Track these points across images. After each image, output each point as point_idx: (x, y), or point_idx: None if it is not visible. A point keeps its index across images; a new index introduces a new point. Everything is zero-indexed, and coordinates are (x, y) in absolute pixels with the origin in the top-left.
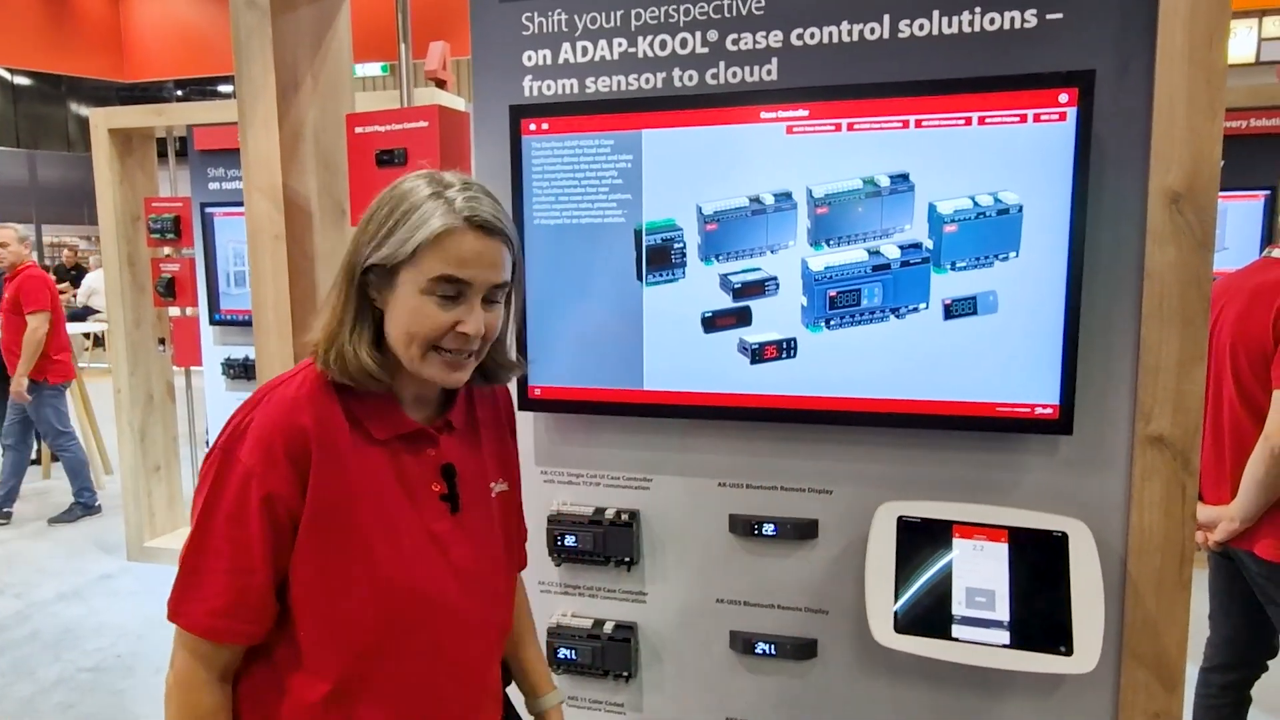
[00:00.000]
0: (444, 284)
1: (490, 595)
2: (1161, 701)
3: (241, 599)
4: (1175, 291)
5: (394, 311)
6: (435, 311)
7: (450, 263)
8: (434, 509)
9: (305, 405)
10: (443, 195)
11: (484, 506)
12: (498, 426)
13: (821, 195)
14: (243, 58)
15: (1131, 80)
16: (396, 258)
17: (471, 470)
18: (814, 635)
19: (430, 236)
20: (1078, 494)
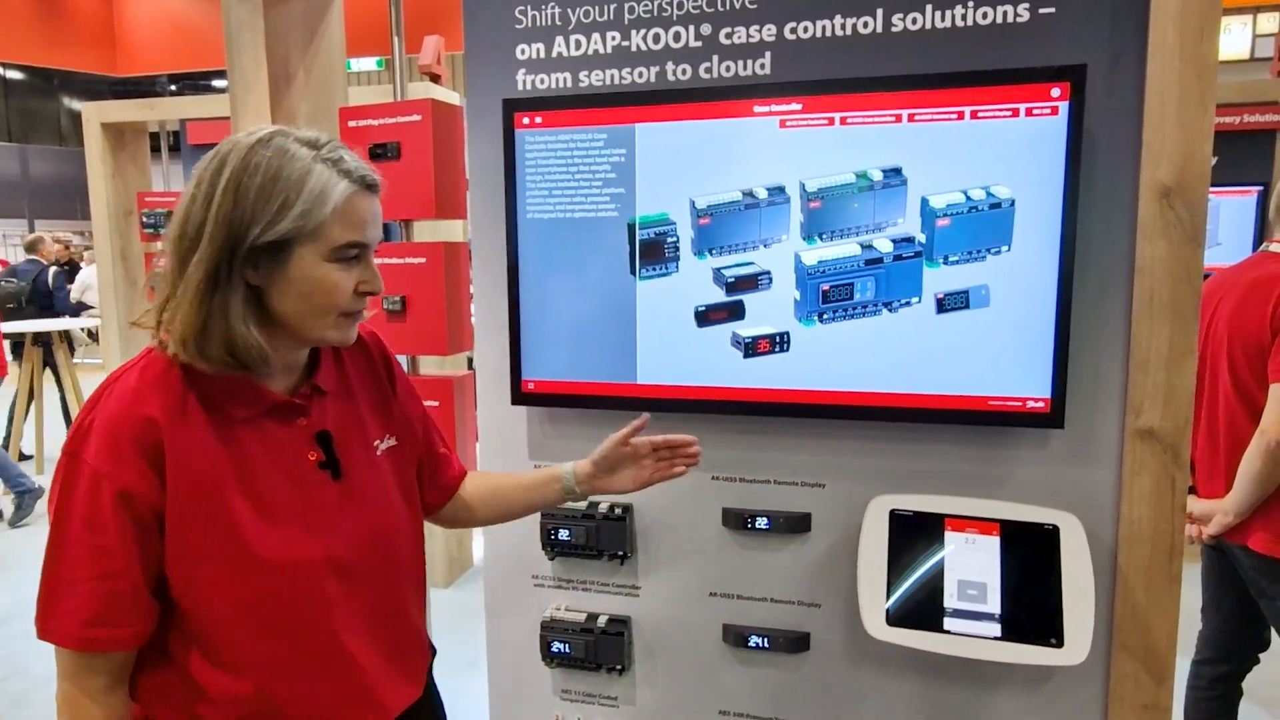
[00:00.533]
0: (348, 250)
1: (391, 553)
2: (1151, 693)
3: (111, 604)
4: (1166, 286)
5: (290, 285)
6: (343, 278)
7: (355, 228)
8: (314, 479)
9: (150, 394)
10: (325, 157)
11: (371, 467)
12: (374, 380)
13: (814, 189)
14: (234, 51)
15: (1123, 75)
16: (300, 232)
17: (351, 433)
18: (807, 628)
19: (338, 204)
20: (1069, 487)
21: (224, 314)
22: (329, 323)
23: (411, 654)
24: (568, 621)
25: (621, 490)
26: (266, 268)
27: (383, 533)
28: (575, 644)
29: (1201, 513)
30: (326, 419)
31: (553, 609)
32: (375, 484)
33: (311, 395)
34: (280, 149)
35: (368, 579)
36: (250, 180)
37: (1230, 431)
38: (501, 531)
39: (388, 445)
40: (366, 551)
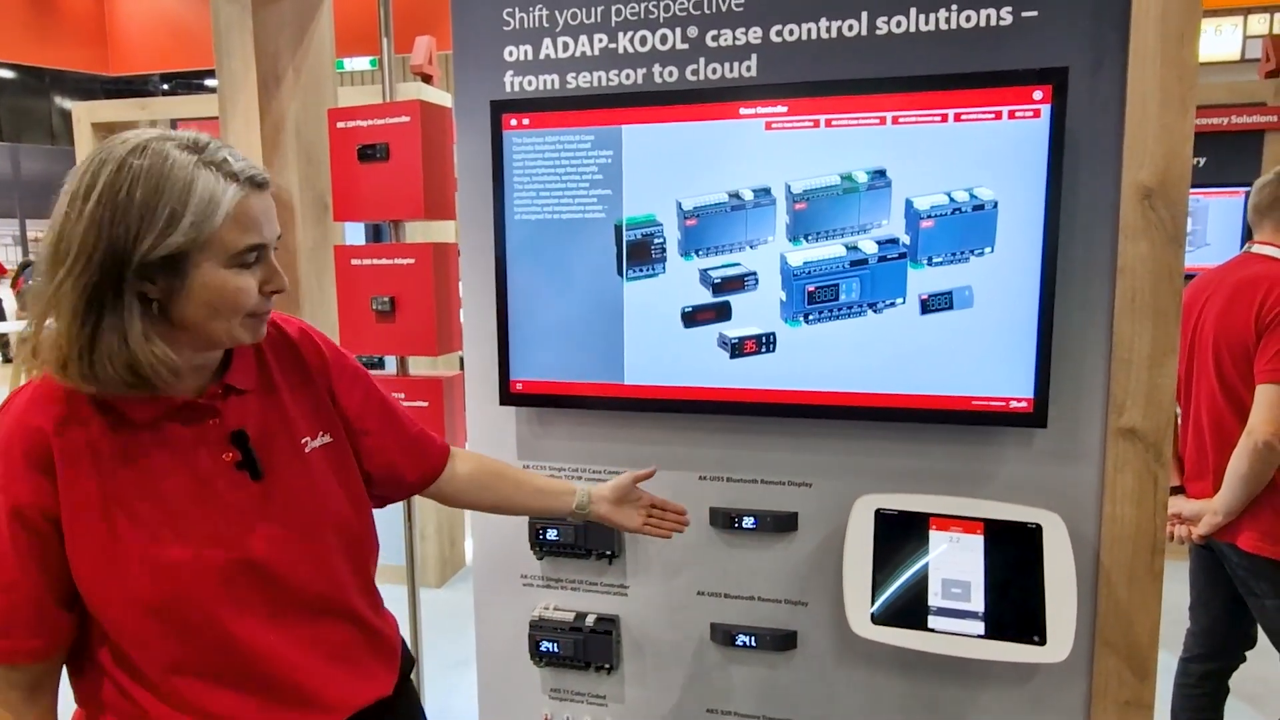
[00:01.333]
0: (248, 254)
1: (323, 552)
2: (1133, 690)
3: (11, 616)
4: (1147, 286)
5: (192, 296)
6: (247, 281)
7: (251, 231)
8: (228, 479)
9: (40, 405)
10: (207, 160)
11: (299, 465)
12: (303, 376)
13: (800, 191)
14: (223, 51)
15: (1104, 77)
16: (194, 243)
17: (274, 431)
18: (794, 627)
19: (229, 211)
20: (1052, 486)
21: (118, 333)
22: (236, 324)
23: (361, 651)
24: (556, 621)
25: (623, 526)
26: (163, 281)
27: (312, 532)
28: (564, 643)
29: (1191, 513)
30: (243, 418)
31: (541, 608)
32: (303, 482)
33: (226, 395)
34: (158, 154)
35: (295, 578)
36: (130, 192)
37: (1217, 431)
38: (490, 531)
39: (321, 443)
40: (293, 551)
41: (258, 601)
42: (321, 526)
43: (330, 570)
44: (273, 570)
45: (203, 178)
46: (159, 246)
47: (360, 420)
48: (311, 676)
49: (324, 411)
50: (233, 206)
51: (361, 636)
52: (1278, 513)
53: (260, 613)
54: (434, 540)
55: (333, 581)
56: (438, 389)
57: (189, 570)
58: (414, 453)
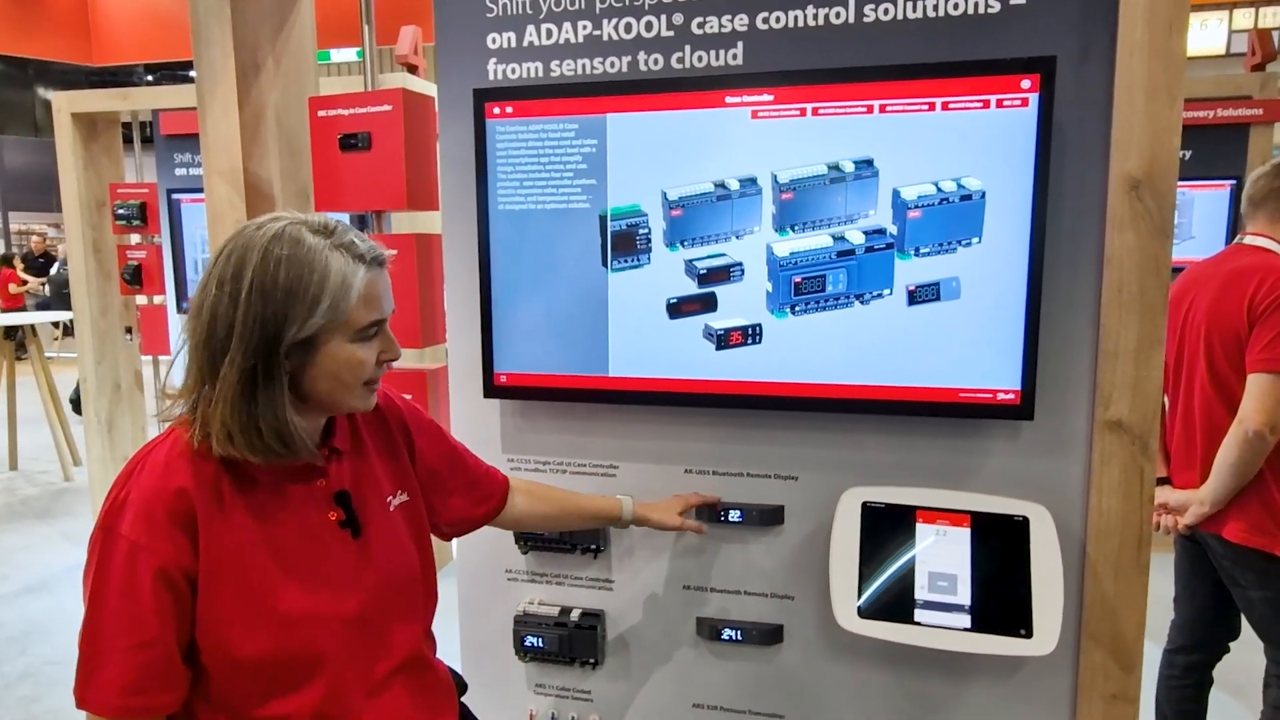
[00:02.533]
0: (371, 328)
1: (408, 606)
2: (1119, 682)
3: (148, 672)
4: (1134, 277)
5: (321, 369)
6: (369, 354)
7: (375, 309)
8: (334, 536)
9: (180, 465)
10: (338, 244)
11: (386, 523)
12: (386, 440)
13: (786, 181)
14: (201, 39)
15: (1092, 67)
16: (331, 324)
17: (366, 491)
18: (780, 621)
19: (361, 293)
20: (1039, 478)
21: (271, 407)
22: (356, 394)
23: (436, 691)
24: (541, 615)
25: (661, 523)
26: (298, 358)
27: (399, 585)
28: (549, 638)
29: (1177, 503)
30: (344, 479)
31: (526, 603)
32: (391, 538)
33: (330, 457)
34: (294, 241)
35: (390, 631)
36: (274, 279)
37: (1206, 422)
38: None
39: (400, 501)
40: (386, 604)
41: (361, 654)
42: (406, 578)
43: (412, 619)
44: (375, 624)
45: (335, 262)
46: (304, 328)
47: (442, 476)
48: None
49: (403, 470)
50: (364, 289)
51: (434, 674)
52: (1264, 503)
53: (361, 665)
54: None
55: (413, 629)
56: (421, 382)
57: (314, 623)
58: (480, 494)
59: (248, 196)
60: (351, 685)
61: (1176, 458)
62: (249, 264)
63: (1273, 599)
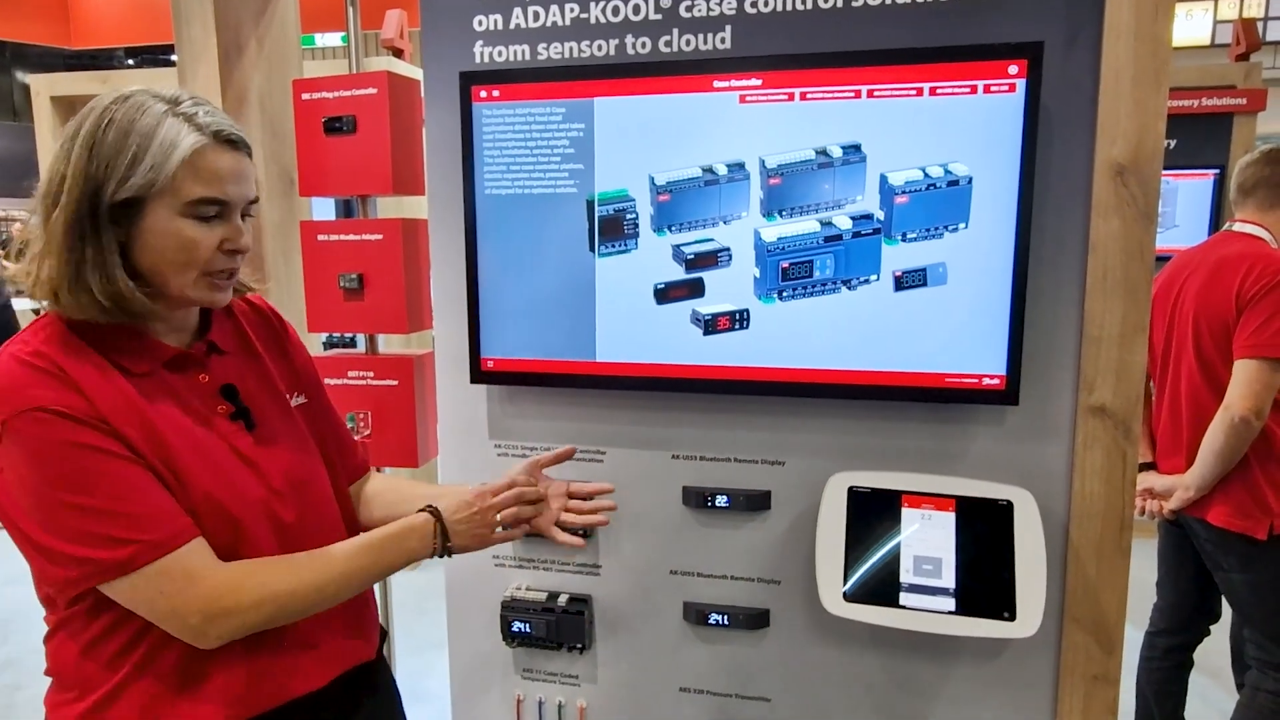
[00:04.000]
0: (204, 206)
1: (319, 505)
2: (1101, 664)
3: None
4: (1118, 263)
5: (148, 241)
6: (201, 234)
7: (210, 185)
8: (228, 428)
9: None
10: (179, 112)
11: (285, 421)
12: (277, 343)
13: (774, 166)
14: (182, 19)
15: (1079, 53)
16: (151, 188)
17: (256, 388)
18: (766, 605)
19: (185, 158)
20: (1023, 463)
21: (100, 265)
22: (190, 281)
23: (358, 608)
24: (528, 601)
25: None
26: (125, 224)
27: (307, 482)
28: (536, 623)
29: (1163, 488)
30: (228, 374)
31: (513, 588)
32: (293, 435)
33: (209, 353)
34: (136, 104)
35: (295, 526)
36: (104, 135)
37: (1193, 408)
38: None
39: (299, 402)
40: (294, 502)
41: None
42: (313, 475)
43: (325, 523)
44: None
45: (168, 124)
46: (122, 188)
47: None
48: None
49: (294, 373)
50: (189, 154)
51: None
52: (1248, 488)
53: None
54: None
55: (331, 534)
56: (408, 367)
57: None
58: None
59: None
60: None
61: (1163, 443)
62: (88, 119)
63: (1255, 582)
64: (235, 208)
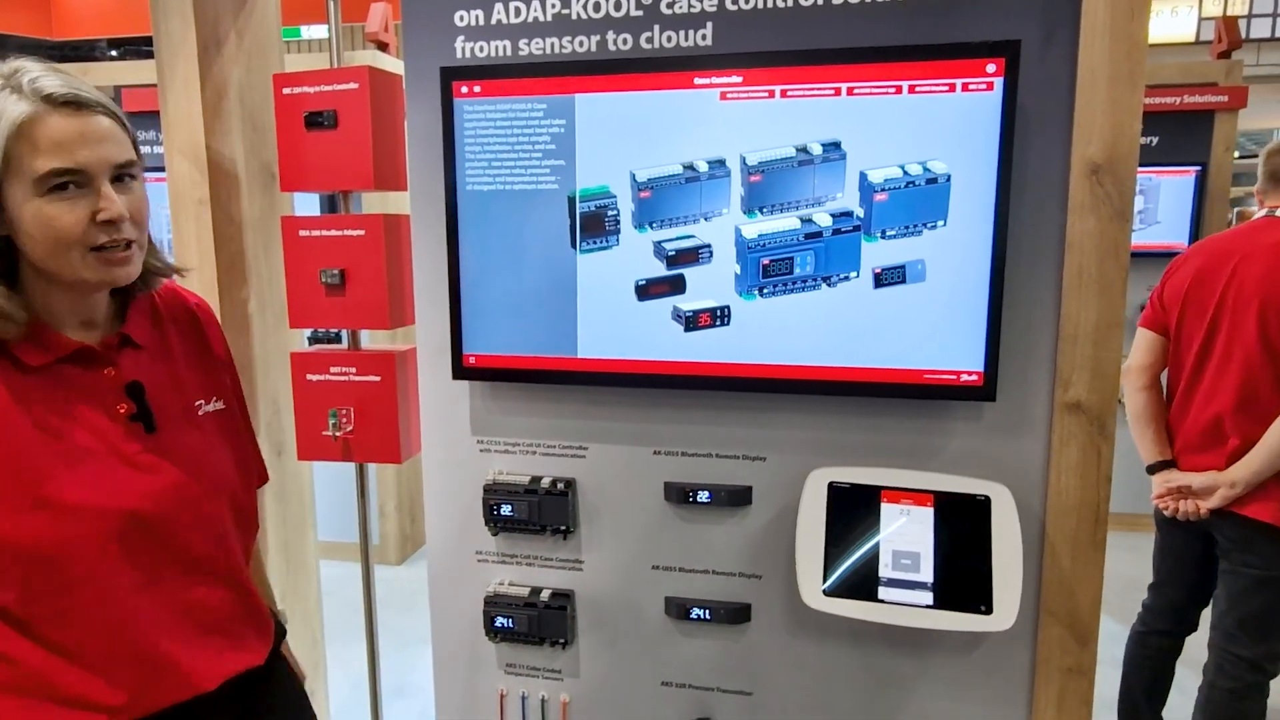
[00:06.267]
0: (55, 178)
1: (210, 516)
2: (1075, 656)
3: None
4: (1094, 261)
5: (20, 230)
6: (63, 210)
7: (54, 154)
8: (122, 430)
9: None
10: (13, 85)
11: (191, 425)
12: (200, 345)
13: (755, 163)
14: (160, 11)
15: (1056, 51)
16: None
17: (166, 389)
18: (748, 600)
19: (12, 132)
20: (1000, 458)
21: None
22: (76, 261)
23: (239, 620)
24: (511, 596)
25: None
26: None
27: (197, 492)
28: (519, 618)
29: (1202, 485)
30: (139, 372)
31: (496, 584)
32: (195, 442)
33: (121, 346)
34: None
35: (183, 537)
36: None
37: (1247, 401)
38: (445, 508)
39: (214, 408)
40: (175, 508)
41: (142, 559)
42: (208, 485)
43: (220, 533)
44: (161, 527)
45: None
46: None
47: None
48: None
49: (217, 380)
50: (16, 126)
51: (240, 605)
52: None
53: (140, 572)
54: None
55: (221, 545)
56: (390, 363)
57: (85, 517)
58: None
59: (210, 174)
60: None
61: (1194, 439)
62: None
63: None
64: (97, 174)
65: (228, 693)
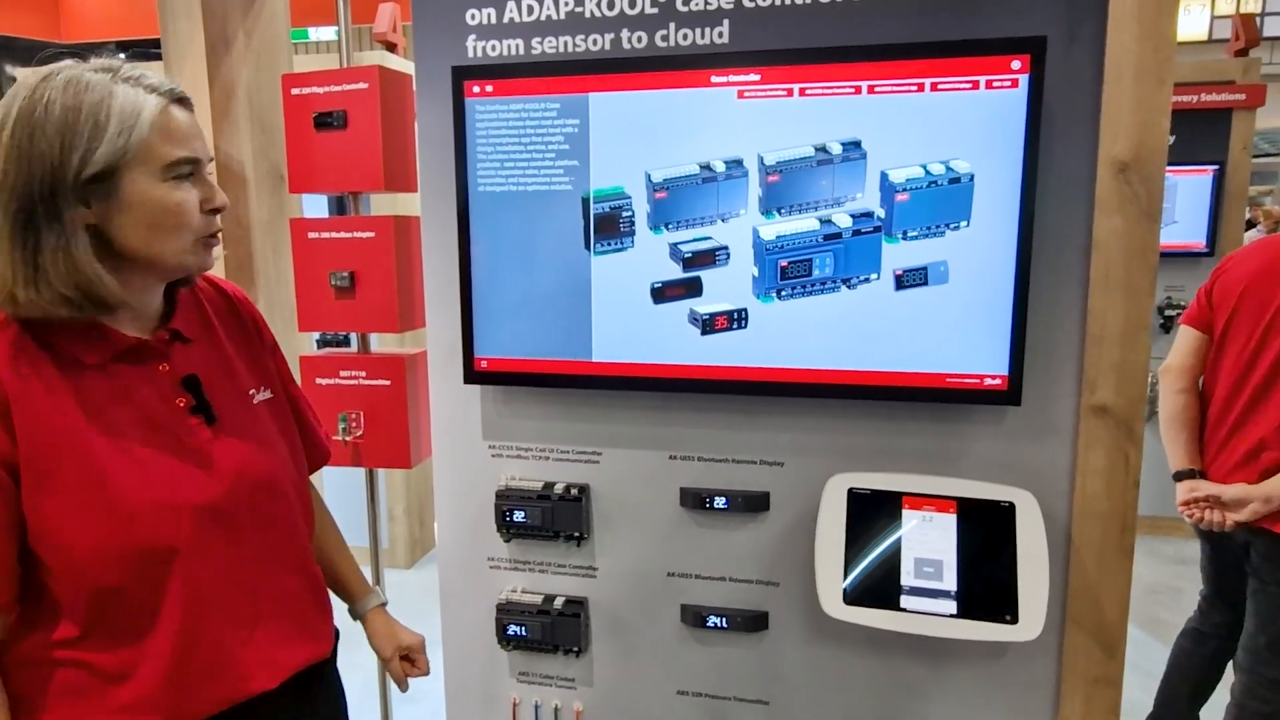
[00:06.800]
0: (181, 166)
1: (274, 502)
2: (1102, 666)
3: None
4: (1121, 261)
5: (132, 215)
6: (187, 194)
7: (181, 144)
8: (184, 424)
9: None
10: (124, 77)
11: (248, 414)
12: (244, 334)
13: (773, 163)
14: (167, 13)
15: (1082, 48)
16: (124, 156)
17: (222, 380)
18: (765, 608)
19: (153, 120)
20: (1024, 463)
21: (63, 255)
22: (186, 246)
23: (307, 607)
24: (524, 604)
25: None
26: (99, 202)
27: (264, 480)
28: (531, 626)
29: (1233, 498)
30: (192, 364)
31: (509, 591)
32: (257, 433)
33: (171, 340)
34: (72, 79)
35: (248, 526)
36: (46, 115)
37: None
38: (455, 514)
39: (264, 397)
40: (246, 498)
41: (219, 551)
42: (272, 473)
43: (280, 519)
44: (230, 516)
45: (121, 91)
46: (88, 163)
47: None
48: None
49: (264, 368)
50: (157, 115)
51: (311, 591)
52: None
53: (221, 562)
54: (403, 521)
55: (284, 530)
56: (400, 367)
57: (156, 516)
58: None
59: (218, 175)
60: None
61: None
62: (16, 104)
63: None
64: (204, 165)
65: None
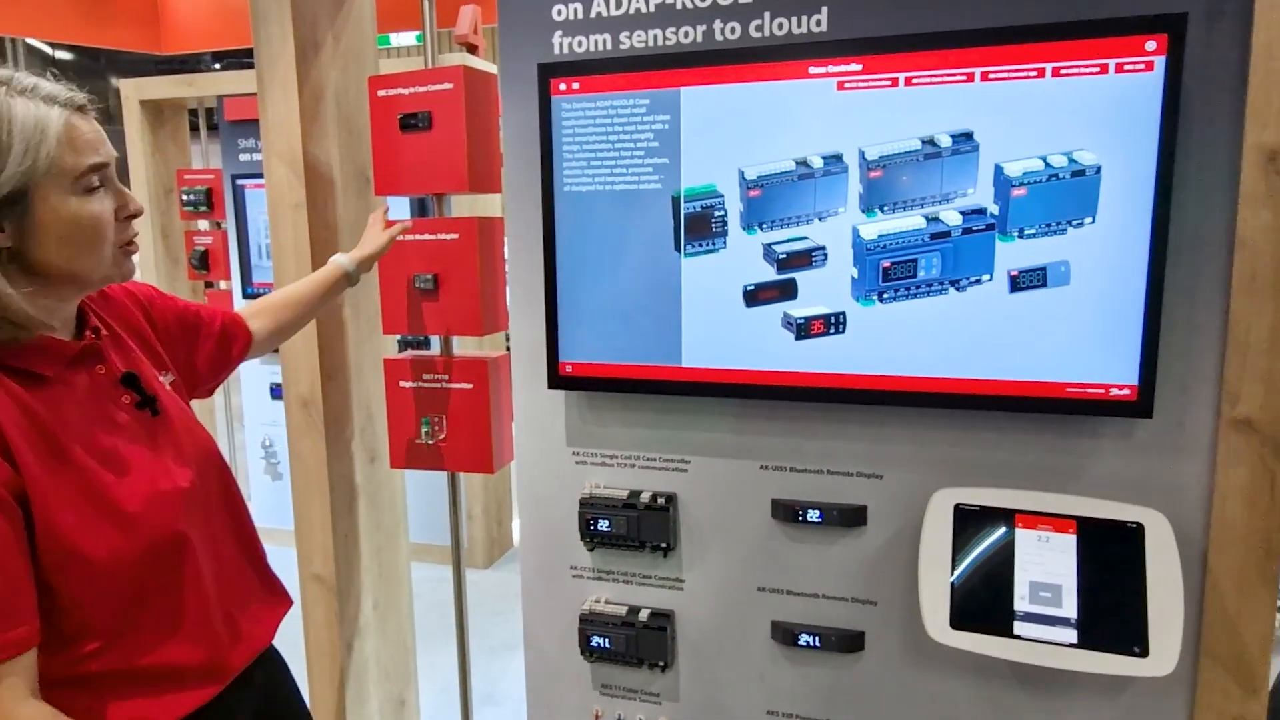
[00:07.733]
0: (91, 175)
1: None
2: (1240, 705)
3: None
4: (1270, 261)
5: (50, 233)
6: (101, 206)
7: (89, 152)
8: (140, 419)
9: None
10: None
11: (171, 400)
12: (127, 321)
13: (875, 157)
14: (260, 18)
15: (1226, 25)
16: (33, 176)
17: (142, 371)
18: (861, 628)
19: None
20: (1153, 481)
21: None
22: (107, 259)
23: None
24: (608, 615)
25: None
26: (11, 223)
27: (215, 458)
28: (615, 638)
29: None
30: (120, 361)
31: (592, 601)
32: (185, 414)
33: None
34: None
35: (217, 505)
36: None
37: None
38: (538, 521)
39: (169, 379)
40: (213, 478)
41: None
42: (213, 457)
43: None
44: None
45: (20, 106)
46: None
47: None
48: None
49: (156, 353)
50: (62, 129)
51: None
52: None
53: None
54: (481, 521)
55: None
56: (483, 370)
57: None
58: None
59: (306, 178)
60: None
61: None
62: None
63: None
64: (112, 168)
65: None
